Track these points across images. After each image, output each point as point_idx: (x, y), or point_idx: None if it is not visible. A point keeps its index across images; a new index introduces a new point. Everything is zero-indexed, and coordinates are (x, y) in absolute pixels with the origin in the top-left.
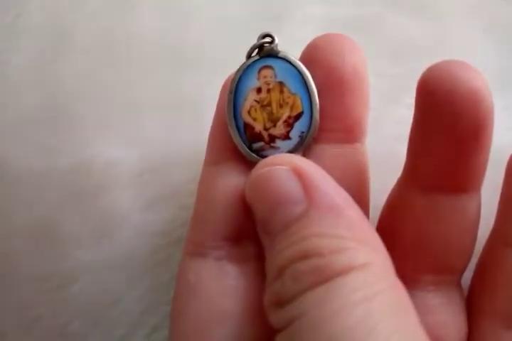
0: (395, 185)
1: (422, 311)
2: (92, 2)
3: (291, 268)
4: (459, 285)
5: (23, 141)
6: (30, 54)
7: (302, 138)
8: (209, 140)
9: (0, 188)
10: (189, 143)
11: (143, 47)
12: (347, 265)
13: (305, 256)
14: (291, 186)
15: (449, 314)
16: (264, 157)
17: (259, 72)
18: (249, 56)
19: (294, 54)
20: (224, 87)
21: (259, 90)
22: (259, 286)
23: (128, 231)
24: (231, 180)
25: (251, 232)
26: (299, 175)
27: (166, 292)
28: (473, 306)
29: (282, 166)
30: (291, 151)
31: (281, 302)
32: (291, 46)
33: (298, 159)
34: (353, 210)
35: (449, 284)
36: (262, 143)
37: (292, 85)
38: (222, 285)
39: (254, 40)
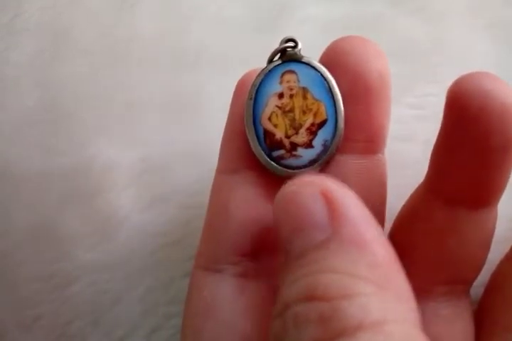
0: (413, 195)
1: (433, 321)
2: (92, 2)
3: (293, 309)
4: (468, 295)
5: (23, 142)
6: (29, 54)
7: (326, 147)
8: (222, 147)
9: (0, 188)
10: (189, 144)
11: (142, 48)
12: (357, 320)
13: (310, 297)
14: (316, 210)
15: (460, 324)
16: (284, 166)
17: (281, 76)
18: (270, 60)
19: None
20: (237, 91)
21: (281, 95)
22: None
23: (128, 232)
24: (248, 192)
25: (270, 247)
26: (328, 199)
27: (166, 292)
28: (486, 318)
29: (312, 187)
30: (313, 160)
31: None
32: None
33: (330, 182)
34: (381, 248)
35: (460, 294)
36: (282, 151)
37: (316, 91)
38: (240, 304)
39: (253, 41)
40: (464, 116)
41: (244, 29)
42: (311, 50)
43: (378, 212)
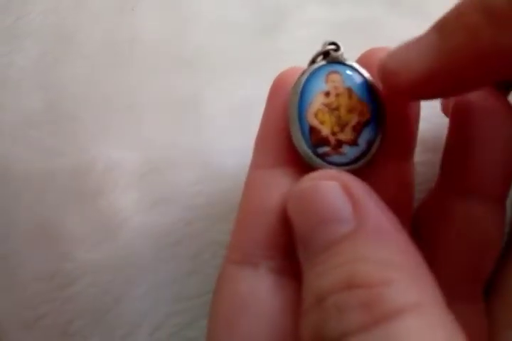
0: (428, 196)
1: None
2: (93, 5)
3: (334, 297)
4: (483, 291)
5: (25, 143)
6: (31, 56)
7: (369, 145)
8: (260, 142)
9: (2, 189)
10: (190, 145)
11: (144, 50)
12: (398, 304)
13: (350, 285)
14: (339, 202)
15: (476, 318)
16: (328, 162)
17: (327, 76)
18: (313, 62)
19: (296, 55)
20: (275, 87)
21: (327, 94)
22: None
23: (129, 232)
24: (288, 186)
25: None
26: (349, 192)
27: (167, 292)
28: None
29: (332, 181)
30: (357, 158)
31: (323, 339)
32: (291, 48)
33: (347, 176)
34: (403, 236)
35: (476, 290)
36: (327, 148)
37: (360, 93)
38: (279, 300)
39: (254, 43)
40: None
41: (245, 32)
42: (310, 53)
43: (405, 214)
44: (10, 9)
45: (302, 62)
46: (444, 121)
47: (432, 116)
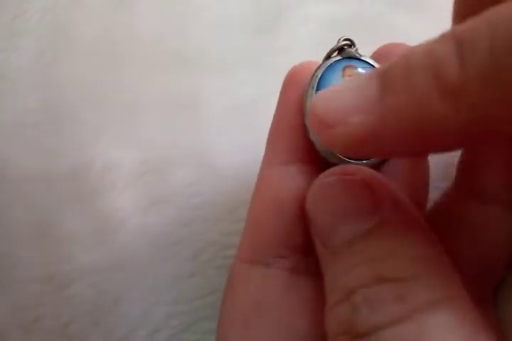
0: (442, 197)
1: None
2: (91, 3)
3: (363, 292)
4: (492, 298)
5: (23, 143)
6: (29, 55)
7: None
8: (273, 138)
9: (0, 189)
10: (189, 144)
11: (142, 49)
12: (429, 297)
13: (381, 280)
14: (362, 197)
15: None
16: (345, 158)
17: (343, 70)
18: (328, 57)
19: (297, 52)
20: (287, 83)
21: None
22: None
23: (127, 232)
24: (303, 183)
25: None
26: (371, 188)
27: (167, 292)
28: None
29: (354, 176)
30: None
31: (356, 334)
32: (291, 45)
33: (369, 171)
34: (426, 231)
35: (486, 292)
36: None
37: None
38: (292, 300)
39: (253, 41)
40: None
41: (244, 30)
42: (311, 50)
43: (420, 211)
44: (7, 7)
45: (303, 59)
46: None
47: None
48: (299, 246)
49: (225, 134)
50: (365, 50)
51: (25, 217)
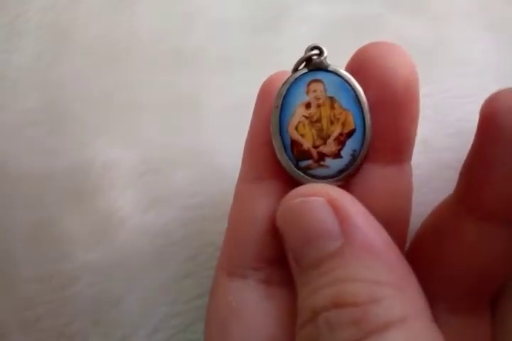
0: (437, 211)
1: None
2: (91, 3)
3: (325, 315)
4: (489, 308)
5: (23, 142)
6: (29, 55)
7: (354, 156)
8: (246, 154)
9: (0, 189)
10: (189, 144)
11: (142, 49)
12: (384, 320)
13: (339, 304)
14: (326, 220)
15: (481, 329)
16: (312, 176)
17: (308, 85)
18: (295, 69)
19: (296, 52)
20: (260, 97)
21: (308, 105)
22: None
23: (128, 232)
24: (273, 200)
25: None
26: (336, 208)
27: (166, 292)
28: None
29: (317, 197)
30: (342, 170)
31: None
32: (291, 45)
33: (334, 190)
34: (392, 251)
35: (483, 301)
36: (310, 161)
37: (344, 100)
38: (267, 309)
39: (253, 41)
40: (500, 135)
41: (244, 30)
42: None
43: (402, 220)
44: (8, 7)
45: None
46: (447, 119)
47: (436, 115)
48: (273, 259)
49: (224, 134)
50: None
51: (25, 217)
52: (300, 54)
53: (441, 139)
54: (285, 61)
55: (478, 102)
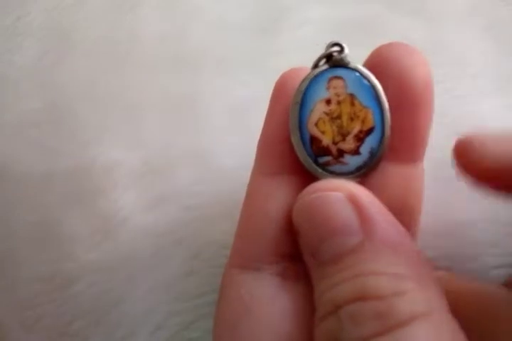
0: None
1: None
2: (93, 4)
3: (348, 308)
4: None
5: (25, 143)
6: (31, 56)
7: (372, 154)
8: (262, 149)
9: (2, 189)
10: (189, 145)
11: (143, 50)
12: (409, 313)
13: (363, 297)
14: (346, 215)
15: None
16: (330, 172)
17: (328, 82)
18: (315, 66)
19: (296, 54)
20: (276, 93)
21: (328, 101)
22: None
23: (129, 232)
24: (290, 195)
25: None
26: (356, 203)
27: (167, 292)
28: None
29: (337, 192)
30: (360, 167)
31: None
32: (291, 46)
33: (353, 186)
34: (410, 246)
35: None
36: (329, 158)
37: (363, 98)
38: (281, 304)
39: (254, 43)
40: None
41: (244, 31)
42: (310, 52)
43: (413, 219)
44: (10, 8)
45: (303, 61)
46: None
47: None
48: (288, 254)
49: (225, 135)
50: (366, 50)
51: (27, 217)
52: (300, 55)
53: (439, 139)
54: (285, 62)
55: (477, 103)
